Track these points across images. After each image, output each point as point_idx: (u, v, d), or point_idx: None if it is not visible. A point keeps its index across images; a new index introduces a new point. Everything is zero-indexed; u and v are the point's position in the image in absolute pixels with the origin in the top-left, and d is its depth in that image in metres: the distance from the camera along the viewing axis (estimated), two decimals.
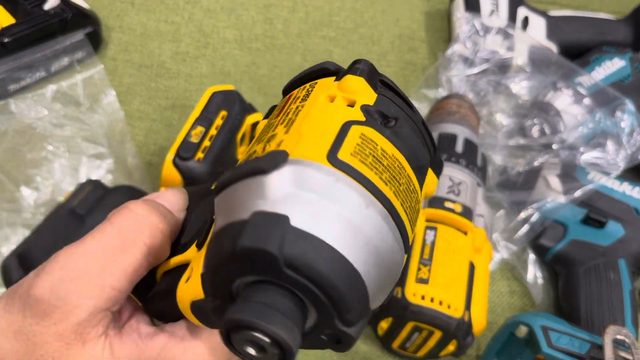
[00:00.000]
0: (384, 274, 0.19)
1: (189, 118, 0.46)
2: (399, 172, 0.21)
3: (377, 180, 0.20)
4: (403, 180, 0.21)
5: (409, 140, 0.22)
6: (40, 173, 0.49)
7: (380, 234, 0.19)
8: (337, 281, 0.18)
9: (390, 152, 0.21)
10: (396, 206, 0.20)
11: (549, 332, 0.41)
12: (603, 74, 0.62)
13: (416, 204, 0.22)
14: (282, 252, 0.17)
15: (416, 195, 0.22)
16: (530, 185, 0.54)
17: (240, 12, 0.69)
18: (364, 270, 0.18)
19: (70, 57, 0.57)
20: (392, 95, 0.24)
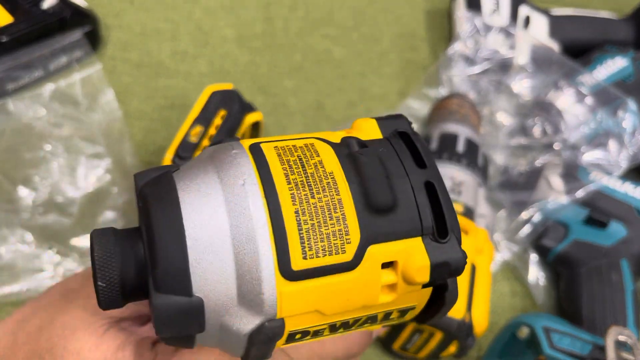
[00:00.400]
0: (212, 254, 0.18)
1: (187, 117, 0.46)
2: (322, 186, 0.19)
3: (278, 171, 0.18)
4: (322, 195, 0.18)
5: (367, 170, 0.19)
6: (39, 173, 0.49)
7: (236, 214, 0.18)
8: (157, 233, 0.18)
9: (329, 168, 0.19)
10: (284, 207, 0.18)
11: (551, 333, 0.40)
12: (605, 73, 0.62)
13: (333, 235, 0.18)
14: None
15: (340, 227, 0.18)
16: (531, 185, 0.54)
17: (240, 11, 0.69)
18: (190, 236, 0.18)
19: (68, 56, 0.57)
20: (399, 145, 0.21)
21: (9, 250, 0.45)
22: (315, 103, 0.62)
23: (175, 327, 0.18)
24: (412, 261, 0.19)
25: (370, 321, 0.21)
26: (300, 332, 0.19)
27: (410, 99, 0.62)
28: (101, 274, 0.19)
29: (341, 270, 0.18)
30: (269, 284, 0.18)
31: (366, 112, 0.63)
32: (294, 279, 0.18)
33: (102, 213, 0.48)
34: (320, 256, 0.18)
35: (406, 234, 0.19)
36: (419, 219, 0.19)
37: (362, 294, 0.19)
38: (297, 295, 0.18)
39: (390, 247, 0.19)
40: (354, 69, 0.66)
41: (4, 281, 0.44)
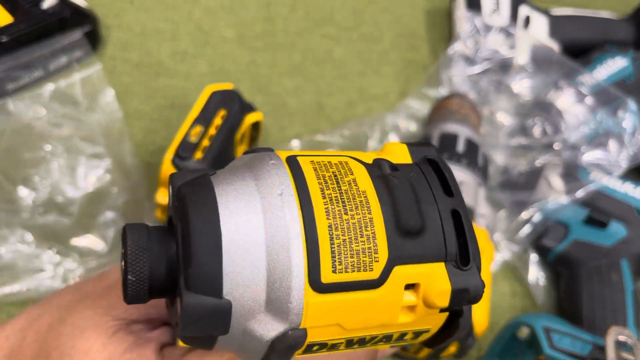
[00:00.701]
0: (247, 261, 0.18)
1: (187, 117, 0.46)
2: (355, 203, 0.19)
3: (314, 185, 0.19)
4: (355, 212, 0.19)
5: (399, 193, 0.20)
6: (39, 173, 0.49)
7: (273, 223, 0.18)
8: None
9: (363, 187, 0.20)
10: (318, 220, 0.18)
11: (551, 333, 0.40)
12: (605, 73, 0.62)
13: (363, 252, 0.19)
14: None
15: (370, 245, 0.19)
16: (531, 185, 0.54)
17: (240, 11, 0.69)
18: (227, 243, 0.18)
19: (68, 56, 0.57)
20: (429, 171, 0.21)
21: (9, 250, 0.45)
22: (315, 103, 0.62)
23: (201, 327, 0.18)
24: (434, 285, 0.19)
25: (385, 340, 0.21)
26: (319, 344, 0.20)
27: (410, 98, 0.62)
28: (132, 268, 0.19)
29: (367, 287, 0.19)
30: (297, 293, 0.18)
31: (366, 112, 0.63)
32: (322, 291, 0.18)
33: (102, 213, 0.48)
34: (349, 271, 0.18)
35: (431, 259, 0.19)
36: (444, 245, 0.20)
37: (384, 313, 0.19)
38: (323, 308, 0.19)
39: (414, 270, 0.19)
40: (354, 69, 0.66)
41: (4, 281, 0.44)
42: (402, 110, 0.61)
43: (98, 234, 0.47)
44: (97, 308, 0.25)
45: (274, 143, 0.58)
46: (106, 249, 0.47)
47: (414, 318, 0.20)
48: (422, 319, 0.20)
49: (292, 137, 0.58)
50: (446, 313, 0.21)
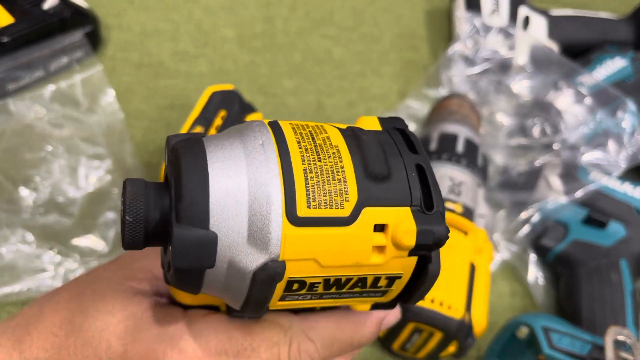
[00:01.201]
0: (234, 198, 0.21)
1: (188, 118, 0.46)
2: (328, 154, 0.22)
3: (292, 138, 0.22)
4: (327, 160, 0.21)
5: (367, 146, 0.22)
6: (39, 173, 0.49)
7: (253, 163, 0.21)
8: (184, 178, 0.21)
9: (335, 142, 0.22)
10: (294, 164, 0.21)
11: (550, 333, 0.41)
12: (604, 73, 0.62)
13: (334, 192, 0.21)
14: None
15: (341, 187, 0.21)
16: (531, 185, 0.54)
17: (240, 11, 0.69)
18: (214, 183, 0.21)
19: (69, 56, 0.57)
20: (396, 135, 0.24)
21: (10, 250, 0.45)
22: (315, 103, 0.63)
23: (190, 258, 0.20)
24: (401, 225, 0.21)
25: (360, 284, 0.22)
26: (298, 282, 0.21)
27: (410, 99, 0.63)
28: (130, 210, 0.21)
29: (339, 224, 0.21)
30: (276, 225, 0.20)
31: (366, 112, 0.63)
32: (298, 224, 0.20)
33: (102, 213, 0.48)
34: (322, 208, 0.21)
35: (397, 202, 0.21)
36: (409, 191, 0.22)
37: (356, 250, 0.21)
38: (299, 240, 0.20)
39: (382, 212, 0.21)
40: (353, 69, 0.66)
41: (5, 281, 0.44)
42: (401, 110, 0.61)
43: (99, 234, 0.47)
44: (114, 278, 0.27)
45: None
46: (107, 249, 0.47)
47: (384, 259, 0.22)
48: (392, 262, 0.22)
49: None
50: (415, 258, 0.22)
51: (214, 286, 0.22)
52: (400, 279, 0.23)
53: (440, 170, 0.48)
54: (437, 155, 0.49)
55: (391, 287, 0.23)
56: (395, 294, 0.24)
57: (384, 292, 0.24)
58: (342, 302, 0.24)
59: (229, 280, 0.21)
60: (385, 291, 0.23)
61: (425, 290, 0.23)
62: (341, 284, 0.22)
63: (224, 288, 0.22)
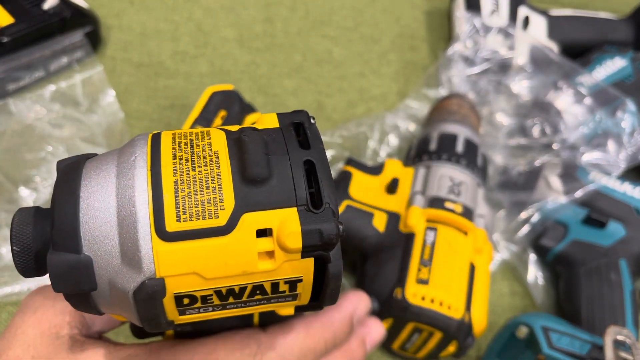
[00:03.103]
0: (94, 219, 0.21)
1: (188, 118, 0.46)
2: (205, 162, 0.21)
3: (168, 150, 0.21)
4: (203, 169, 0.21)
5: (248, 147, 0.21)
6: (39, 173, 0.49)
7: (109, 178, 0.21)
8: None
9: (216, 148, 0.22)
10: (165, 177, 0.21)
11: (550, 332, 0.41)
12: (604, 73, 0.62)
13: (208, 202, 0.20)
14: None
15: (215, 195, 0.20)
16: (531, 185, 0.54)
17: (240, 11, 0.69)
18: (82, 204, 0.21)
19: (69, 56, 0.57)
20: (289, 131, 0.23)
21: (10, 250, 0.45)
22: (315, 103, 0.63)
23: (68, 283, 0.20)
24: (284, 227, 0.20)
25: (260, 292, 0.22)
26: (187, 296, 0.21)
27: (409, 99, 0.63)
28: (16, 240, 0.21)
29: (215, 234, 0.20)
30: (145, 242, 0.20)
31: (366, 112, 0.63)
32: (169, 240, 0.20)
33: None
34: (193, 220, 0.20)
35: (280, 204, 0.21)
36: (294, 191, 0.21)
37: (240, 259, 0.20)
38: (173, 255, 0.20)
39: (264, 216, 0.20)
40: (353, 69, 0.66)
41: (5, 281, 0.44)
42: (401, 110, 0.61)
43: None
44: (38, 334, 0.26)
45: None
46: None
47: (275, 264, 0.21)
48: (286, 266, 0.21)
49: None
50: (311, 259, 0.21)
51: (108, 306, 0.22)
52: (302, 281, 0.22)
53: (440, 170, 0.48)
54: (436, 155, 0.49)
55: (296, 290, 0.22)
56: (307, 295, 0.23)
57: (294, 296, 0.23)
58: (256, 309, 0.23)
59: (115, 300, 0.21)
60: (295, 294, 0.22)
61: (334, 292, 0.22)
62: (236, 293, 0.21)
63: (121, 308, 0.21)
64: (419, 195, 0.46)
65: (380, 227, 0.45)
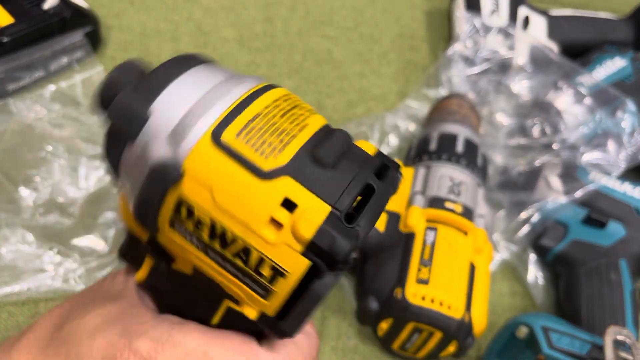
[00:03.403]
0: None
1: None
2: (291, 120, 0.22)
3: (274, 95, 0.23)
4: (287, 124, 0.22)
5: (331, 137, 0.22)
6: (40, 173, 0.49)
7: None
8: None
9: (308, 122, 0.23)
10: (252, 105, 0.22)
11: (550, 332, 0.41)
12: (604, 73, 0.62)
13: (269, 145, 0.21)
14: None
15: (279, 146, 0.21)
16: (531, 185, 0.54)
17: (240, 11, 0.69)
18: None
19: (69, 56, 0.57)
20: (374, 160, 0.24)
21: (10, 250, 0.45)
22: (315, 103, 0.63)
23: (121, 115, 0.22)
24: (308, 213, 0.20)
25: (244, 258, 0.21)
26: (188, 209, 0.21)
27: (409, 99, 0.63)
28: (107, 77, 0.23)
29: (252, 171, 0.20)
30: (195, 133, 0.21)
31: (366, 112, 0.63)
32: (216, 145, 0.21)
33: (102, 213, 0.48)
34: (248, 145, 0.21)
35: (321, 194, 0.21)
36: (340, 194, 0.21)
37: (253, 209, 0.20)
38: (207, 159, 0.21)
39: (300, 192, 0.20)
40: (353, 70, 0.67)
41: (5, 281, 0.44)
42: (401, 110, 0.62)
43: (99, 234, 0.47)
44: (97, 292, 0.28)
45: None
46: (107, 249, 0.47)
47: (276, 239, 0.20)
48: (283, 249, 0.21)
49: None
50: (307, 262, 0.21)
51: (126, 170, 0.23)
52: (285, 278, 0.21)
53: (440, 170, 0.48)
54: (436, 155, 0.49)
55: (273, 284, 0.21)
56: (279, 300, 0.22)
57: (267, 291, 0.22)
58: (227, 282, 0.23)
59: (135, 166, 0.22)
60: (268, 289, 0.22)
61: (305, 311, 0.21)
62: (225, 242, 0.21)
63: (131, 176, 0.22)
64: (419, 195, 0.46)
65: (380, 227, 0.45)
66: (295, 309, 0.22)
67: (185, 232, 0.22)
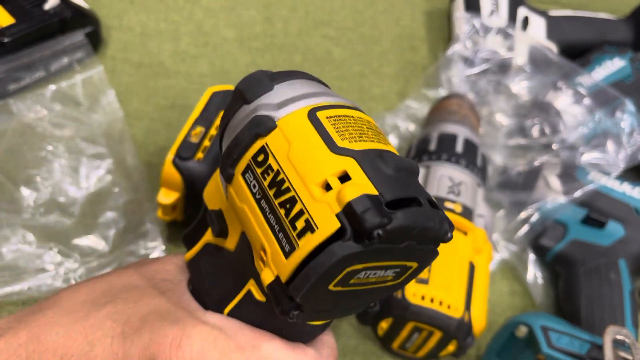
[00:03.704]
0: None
1: (188, 118, 0.46)
2: (374, 132, 0.27)
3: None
4: (374, 135, 0.26)
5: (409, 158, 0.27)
6: (40, 173, 0.49)
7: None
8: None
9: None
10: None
11: (549, 332, 0.41)
12: (603, 73, 0.62)
13: (349, 134, 0.25)
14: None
15: (361, 135, 0.25)
16: (530, 185, 0.54)
17: (240, 11, 0.69)
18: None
19: (69, 57, 0.57)
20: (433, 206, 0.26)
21: (11, 250, 0.45)
22: None
23: (250, 85, 0.27)
24: (356, 183, 0.22)
25: (288, 206, 0.24)
26: (264, 155, 0.25)
27: (409, 99, 0.63)
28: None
29: (327, 143, 0.24)
30: (297, 106, 0.26)
31: (366, 112, 0.63)
32: (309, 117, 0.25)
33: (103, 213, 0.48)
34: (332, 127, 0.25)
35: (373, 181, 0.23)
36: (389, 189, 0.23)
37: (314, 169, 0.23)
38: (298, 123, 0.25)
39: (358, 172, 0.23)
40: (353, 70, 0.67)
41: (6, 281, 0.44)
42: (401, 110, 0.62)
43: (99, 234, 0.47)
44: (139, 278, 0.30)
45: None
46: (107, 249, 0.47)
47: (321, 197, 0.23)
48: (322, 208, 0.22)
49: None
50: (337, 225, 0.22)
51: (232, 126, 0.27)
52: (313, 234, 0.22)
53: (439, 170, 0.48)
54: (436, 155, 0.49)
55: (302, 238, 0.23)
56: (297, 260, 0.23)
57: (292, 247, 0.23)
58: (267, 230, 0.24)
59: (241, 121, 0.26)
60: (293, 245, 0.23)
61: (314, 272, 0.22)
62: (280, 190, 0.24)
63: (234, 128, 0.27)
64: None
65: None
66: (307, 268, 0.23)
67: (251, 179, 0.25)
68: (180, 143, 0.44)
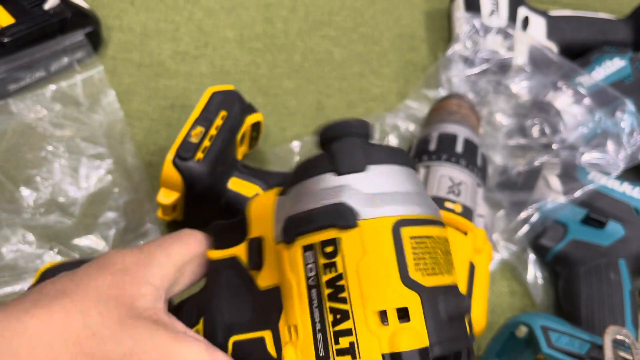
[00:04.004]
0: None
1: (188, 118, 0.46)
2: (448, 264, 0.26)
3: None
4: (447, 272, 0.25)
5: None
6: (40, 173, 0.49)
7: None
8: None
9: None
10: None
11: (549, 332, 0.41)
12: (603, 73, 0.62)
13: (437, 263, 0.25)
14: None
15: (426, 267, 0.24)
16: (530, 185, 0.54)
17: (240, 11, 0.69)
18: None
19: (70, 57, 0.57)
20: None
21: (11, 250, 0.45)
22: (316, 104, 0.63)
23: (343, 151, 0.25)
24: (413, 333, 0.23)
25: (340, 315, 0.23)
26: (333, 249, 0.24)
27: (409, 99, 0.63)
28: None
29: (400, 269, 0.23)
30: (386, 211, 0.24)
31: (366, 112, 0.63)
32: (393, 230, 0.24)
33: (103, 213, 0.48)
34: (412, 251, 0.24)
35: (429, 329, 0.23)
36: (438, 341, 0.23)
37: (378, 292, 0.23)
38: (379, 233, 0.23)
39: (418, 313, 0.23)
40: (353, 70, 0.67)
41: (6, 281, 0.44)
42: (401, 110, 0.62)
43: (99, 234, 0.47)
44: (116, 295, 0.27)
45: (274, 144, 0.58)
46: (107, 249, 0.47)
47: (375, 329, 0.23)
48: (372, 341, 0.23)
49: (293, 138, 0.58)
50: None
51: (308, 188, 0.26)
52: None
53: (439, 170, 0.48)
54: (436, 156, 0.49)
55: (340, 356, 0.23)
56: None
57: (327, 355, 0.23)
58: (303, 319, 0.24)
59: (321, 192, 0.25)
60: (329, 357, 0.23)
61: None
62: (336, 295, 0.23)
63: (310, 194, 0.25)
64: None
65: None
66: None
67: (309, 261, 0.24)
68: (180, 143, 0.44)
